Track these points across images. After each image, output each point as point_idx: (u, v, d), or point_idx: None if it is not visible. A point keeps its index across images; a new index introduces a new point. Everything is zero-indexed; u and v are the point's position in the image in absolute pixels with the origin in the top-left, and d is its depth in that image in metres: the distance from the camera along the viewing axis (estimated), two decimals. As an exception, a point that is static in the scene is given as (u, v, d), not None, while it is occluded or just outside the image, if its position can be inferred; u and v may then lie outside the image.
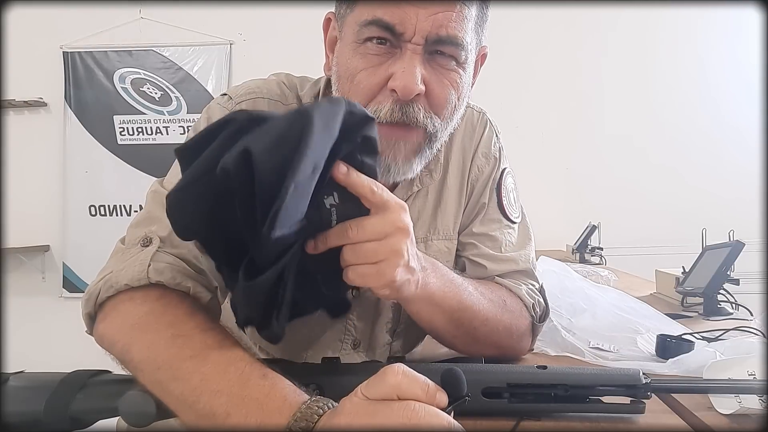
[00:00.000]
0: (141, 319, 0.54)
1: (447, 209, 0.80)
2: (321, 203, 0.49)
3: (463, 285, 0.68)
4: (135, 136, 3.28)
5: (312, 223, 0.49)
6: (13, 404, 0.52)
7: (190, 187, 0.46)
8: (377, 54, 0.62)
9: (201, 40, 3.25)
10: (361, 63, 0.63)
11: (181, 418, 0.48)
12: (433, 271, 0.63)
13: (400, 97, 0.61)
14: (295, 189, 0.43)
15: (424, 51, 0.61)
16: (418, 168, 0.68)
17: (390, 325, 0.81)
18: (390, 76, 0.61)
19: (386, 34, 0.60)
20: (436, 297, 0.63)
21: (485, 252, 0.79)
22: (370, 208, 0.51)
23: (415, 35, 0.59)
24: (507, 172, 0.84)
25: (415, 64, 0.60)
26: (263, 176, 0.43)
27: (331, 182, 0.49)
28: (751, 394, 0.52)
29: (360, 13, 0.62)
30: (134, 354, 0.51)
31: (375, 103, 0.63)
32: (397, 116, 0.62)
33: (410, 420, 0.37)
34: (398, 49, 0.61)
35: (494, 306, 0.71)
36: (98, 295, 0.58)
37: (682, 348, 0.76)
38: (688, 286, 1.25)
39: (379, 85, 0.62)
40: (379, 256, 0.51)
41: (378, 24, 0.60)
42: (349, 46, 0.64)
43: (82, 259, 3.24)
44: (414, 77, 0.60)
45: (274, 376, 0.47)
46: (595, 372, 0.55)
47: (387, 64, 0.62)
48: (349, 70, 0.64)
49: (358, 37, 0.62)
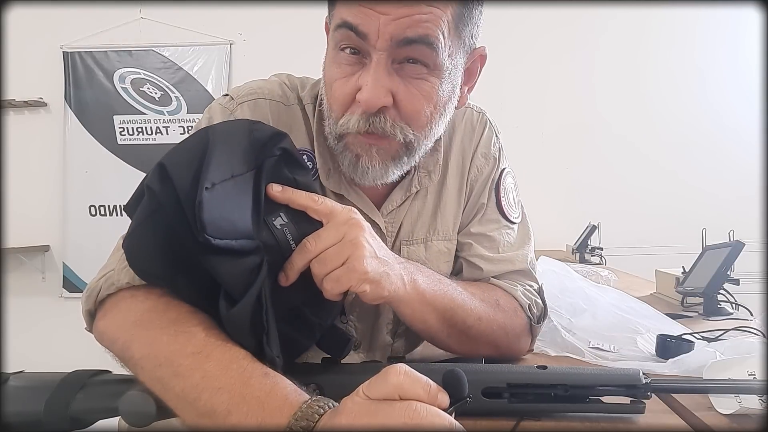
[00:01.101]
0: (143, 316, 0.54)
1: (446, 210, 0.80)
2: (270, 224, 0.52)
3: (452, 284, 0.68)
4: (135, 136, 3.28)
5: (270, 247, 0.51)
6: (13, 404, 0.52)
7: (138, 230, 0.50)
8: (349, 64, 0.62)
9: (201, 40, 3.25)
10: (336, 72, 0.63)
11: (181, 415, 0.48)
12: (418, 270, 0.64)
13: (365, 110, 0.61)
14: (213, 187, 0.46)
15: (390, 59, 0.60)
16: (397, 173, 0.69)
17: (391, 326, 0.81)
18: (359, 88, 0.61)
19: (353, 37, 0.60)
20: (427, 295, 0.63)
21: (482, 252, 0.79)
22: (319, 219, 0.54)
23: (379, 39, 0.59)
24: (506, 172, 0.84)
25: (380, 76, 0.60)
26: (180, 183, 0.47)
27: (273, 203, 0.52)
28: (751, 394, 0.52)
29: (334, 20, 0.62)
30: (135, 351, 0.51)
31: (349, 113, 0.64)
32: (364, 127, 0.62)
33: (412, 420, 0.37)
34: (367, 59, 0.61)
35: (487, 305, 0.71)
36: (99, 292, 0.58)
37: (682, 348, 0.76)
38: (688, 286, 1.25)
39: (351, 95, 0.63)
40: (343, 255, 0.53)
41: (344, 26, 0.60)
42: (329, 54, 0.65)
43: (82, 259, 3.24)
44: (377, 91, 0.60)
45: (276, 375, 0.47)
46: (595, 372, 0.55)
47: (357, 75, 0.62)
48: (327, 78, 0.65)
49: (333, 43, 0.63)
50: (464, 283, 0.73)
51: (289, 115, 0.73)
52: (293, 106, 0.73)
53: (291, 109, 0.73)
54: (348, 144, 0.66)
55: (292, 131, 0.72)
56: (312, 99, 0.74)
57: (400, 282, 0.59)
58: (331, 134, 0.67)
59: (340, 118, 0.64)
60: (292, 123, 0.73)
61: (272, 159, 0.53)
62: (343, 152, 0.66)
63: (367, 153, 0.65)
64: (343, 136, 0.65)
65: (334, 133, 0.67)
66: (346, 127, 0.64)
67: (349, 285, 0.54)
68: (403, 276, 0.60)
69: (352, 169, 0.67)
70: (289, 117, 0.73)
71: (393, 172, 0.68)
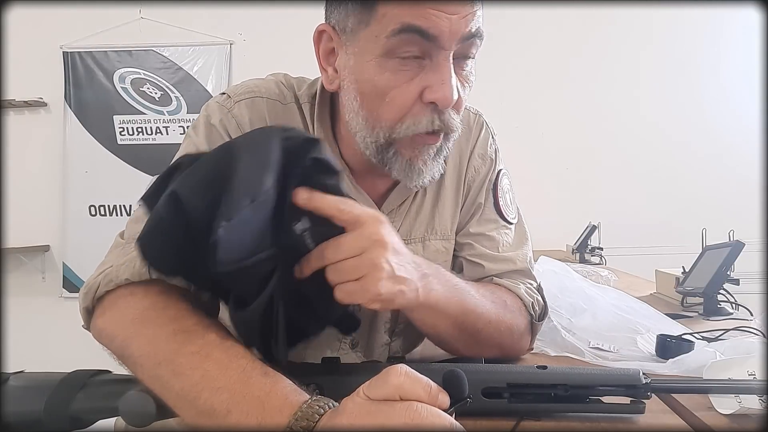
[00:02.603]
0: (142, 314, 0.54)
1: (444, 209, 0.80)
2: (291, 230, 0.50)
3: (466, 288, 0.67)
4: (135, 136, 3.28)
5: (288, 249, 0.49)
6: (13, 404, 0.52)
7: (153, 232, 0.48)
8: (408, 69, 0.61)
9: (201, 40, 3.25)
10: (391, 80, 0.61)
11: (180, 414, 0.48)
12: (436, 277, 0.62)
13: (441, 108, 0.61)
14: (229, 222, 0.43)
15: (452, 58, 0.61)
16: (441, 165, 0.70)
17: (389, 325, 0.81)
18: (423, 88, 0.61)
19: (419, 41, 0.59)
20: (440, 304, 0.62)
21: (483, 252, 0.79)
22: (343, 226, 0.51)
23: (449, 39, 0.59)
24: (503, 173, 0.84)
25: (452, 74, 0.61)
26: (193, 215, 0.44)
27: (297, 208, 0.50)
28: (751, 394, 0.52)
29: (381, 25, 0.60)
30: (134, 349, 0.51)
31: (411, 116, 0.63)
32: (438, 126, 0.63)
33: (412, 420, 0.37)
34: (427, 59, 0.61)
35: (497, 307, 0.71)
36: (97, 289, 0.58)
37: (682, 348, 0.76)
38: (688, 286, 1.25)
39: (413, 99, 0.62)
40: (360, 272, 0.50)
41: (411, 30, 0.58)
42: (372, 63, 0.61)
43: (82, 259, 3.25)
44: (452, 88, 0.60)
45: (276, 375, 0.47)
46: (595, 372, 0.55)
47: (419, 77, 0.61)
48: (379, 88, 0.62)
49: (384, 50, 0.60)
50: (476, 285, 0.72)
51: (286, 113, 0.73)
52: (290, 105, 0.73)
53: (288, 108, 0.73)
54: (400, 149, 0.65)
55: None
56: (309, 98, 0.74)
57: (413, 295, 0.57)
58: (376, 143, 0.65)
59: (397, 124, 0.63)
60: (289, 122, 0.73)
61: (301, 169, 0.50)
62: (393, 158, 0.66)
63: (421, 153, 0.65)
64: (392, 143, 0.65)
65: (383, 141, 0.65)
66: (413, 129, 0.63)
67: (360, 301, 0.52)
68: (418, 289, 0.57)
69: (406, 174, 0.66)
70: (286, 116, 0.73)
71: (441, 163, 0.69)
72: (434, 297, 0.60)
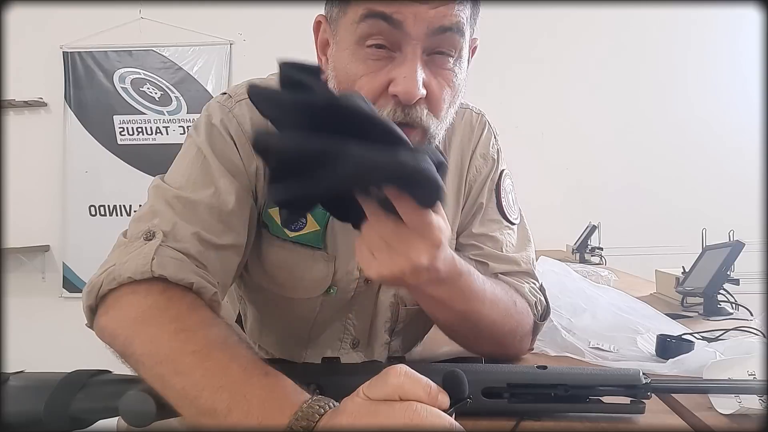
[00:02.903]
0: (144, 313, 0.54)
1: (445, 209, 0.80)
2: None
3: (480, 285, 0.66)
4: (135, 136, 3.28)
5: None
6: (13, 404, 0.52)
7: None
8: (376, 59, 0.61)
9: (201, 40, 3.25)
10: (361, 68, 0.62)
11: (181, 413, 0.48)
12: (456, 272, 0.60)
13: (403, 102, 0.61)
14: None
15: (423, 52, 0.60)
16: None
17: (389, 324, 0.82)
18: (390, 81, 0.60)
19: (384, 28, 0.59)
20: (442, 300, 0.62)
21: (488, 252, 0.79)
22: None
23: (416, 26, 0.58)
24: (505, 173, 0.84)
25: (416, 68, 0.59)
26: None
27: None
28: (751, 394, 0.52)
29: (354, 12, 0.61)
30: (136, 347, 0.51)
31: (377, 107, 0.62)
32: (400, 117, 0.61)
33: (412, 421, 0.37)
34: (397, 52, 0.60)
35: (506, 308, 0.70)
36: (100, 287, 0.58)
37: (682, 348, 0.76)
38: (688, 286, 1.25)
39: (379, 89, 0.61)
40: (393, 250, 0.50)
41: (375, 16, 0.58)
42: (346, 51, 0.63)
43: (82, 259, 3.24)
44: (416, 82, 0.59)
45: (276, 374, 0.47)
46: (595, 372, 0.55)
47: (387, 69, 0.61)
48: (349, 76, 0.63)
49: (355, 37, 0.61)
50: (491, 281, 0.70)
51: None
52: None
53: None
54: None
55: None
56: None
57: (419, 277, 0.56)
58: None
59: None
60: None
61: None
62: None
63: None
64: None
65: None
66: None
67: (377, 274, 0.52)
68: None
69: None
70: None
71: None
72: (435, 293, 0.60)
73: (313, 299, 0.77)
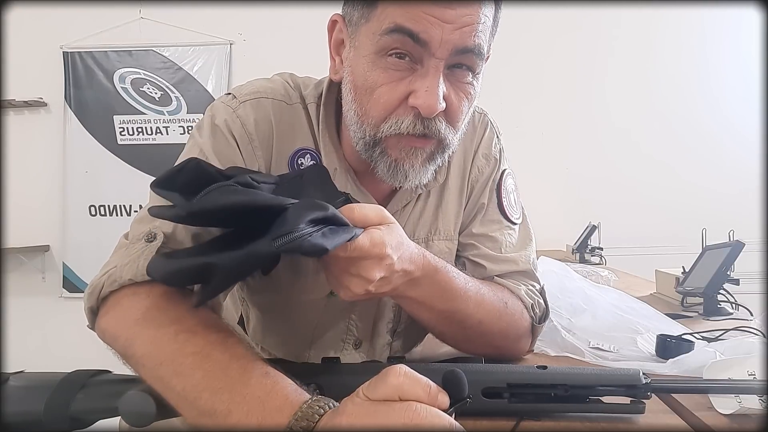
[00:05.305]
0: (144, 314, 0.54)
1: (448, 210, 0.80)
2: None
3: (462, 287, 0.67)
4: (135, 136, 3.28)
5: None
6: (13, 404, 0.52)
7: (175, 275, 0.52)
8: (398, 69, 0.61)
9: (201, 40, 3.25)
10: (381, 77, 0.62)
11: (182, 414, 0.48)
12: (432, 269, 0.63)
13: (423, 115, 0.61)
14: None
15: (444, 66, 0.61)
16: (431, 173, 0.69)
17: (391, 325, 0.82)
18: (410, 92, 0.61)
19: (409, 44, 0.59)
20: (422, 299, 0.64)
21: (485, 252, 0.79)
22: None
23: (441, 48, 0.59)
24: (507, 173, 0.84)
25: (438, 83, 0.60)
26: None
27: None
28: (751, 394, 0.52)
29: (379, 23, 0.60)
30: (137, 349, 0.52)
31: (395, 116, 0.63)
32: (419, 130, 0.62)
33: (412, 421, 0.37)
34: (419, 64, 0.60)
35: (494, 308, 0.70)
36: (101, 289, 0.58)
37: (682, 348, 0.76)
38: (688, 286, 1.25)
39: (399, 100, 0.62)
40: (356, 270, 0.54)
41: (401, 32, 0.58)
42: (366, 58, 0.62)
43: (82, 259, 3.24)
44: (437, 97, 0.60)
45: (276, 375, 0.47)
46: (595, 372, 0.55)
47: (408, 80, 0.61)
48: (368, 83, 0.63)
49: (377, 47, 0.61)
50: (480, 283, 0.71)
51: (292, 114, 0.73)
52: (296, 105, 0.73)
53: (293, 108, 0.73)
54: (387, 148, 0.65)
55: (295, 130, 0.72)
56: (315, 98, 0.74)
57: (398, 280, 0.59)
58: (364, 139, 0.66)
59: (382, 122, 0.63)
60: (294, 122, 0.73)
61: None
62: (380, 157, 0.65)
63: (409, 155, 0.65)
64: (380, 140, 0.64)
65: (369, 138, 0.65)
66: (395, 129, 0.62)
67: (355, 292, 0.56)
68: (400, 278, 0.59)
69: (390, 173, 0.66)
70: (292, 116, 0.73)
71: (431, 171, 0.69)
72: (409, 294, 0.63)
73: (316, 301, 0.77)
